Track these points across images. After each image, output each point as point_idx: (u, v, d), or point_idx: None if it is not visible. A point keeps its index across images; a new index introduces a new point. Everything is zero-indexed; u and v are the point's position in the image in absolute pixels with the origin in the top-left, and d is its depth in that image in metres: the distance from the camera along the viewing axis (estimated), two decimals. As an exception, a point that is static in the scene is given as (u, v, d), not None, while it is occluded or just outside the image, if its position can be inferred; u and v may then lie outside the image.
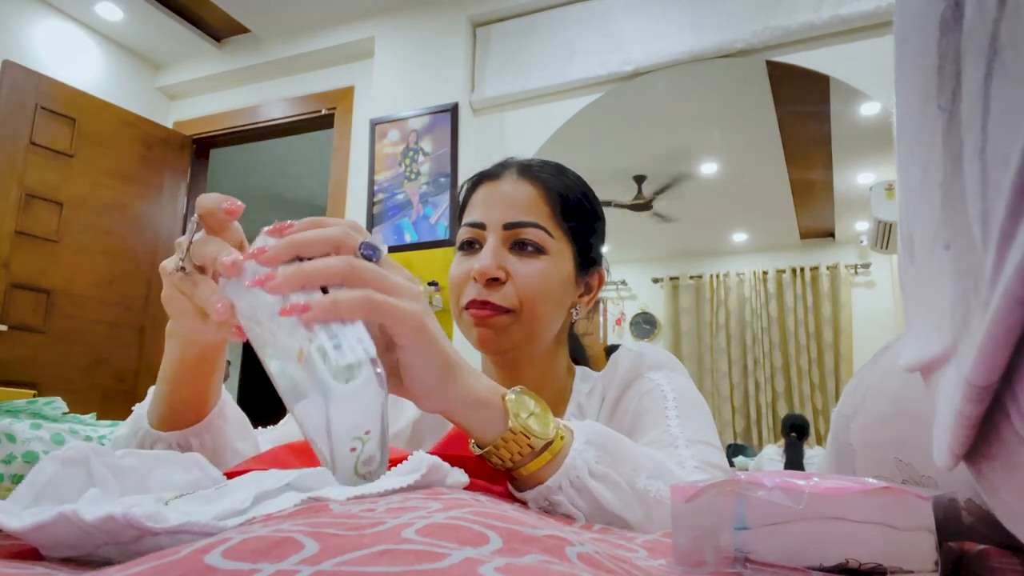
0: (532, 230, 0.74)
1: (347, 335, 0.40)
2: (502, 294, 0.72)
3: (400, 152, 2.88)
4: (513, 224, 0.74)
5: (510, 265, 0.73)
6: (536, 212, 0.75)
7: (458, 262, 0.77)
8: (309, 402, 0.39)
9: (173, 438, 0.56)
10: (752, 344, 3.69)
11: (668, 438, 0.66)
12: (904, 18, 0.24)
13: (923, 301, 0.24)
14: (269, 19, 3.21)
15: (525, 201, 0.75)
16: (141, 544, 0.30)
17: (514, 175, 0.77)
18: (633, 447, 0.53)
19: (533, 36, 2.83)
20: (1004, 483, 0.21)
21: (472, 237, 0.76)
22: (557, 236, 0.75)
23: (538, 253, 0.74)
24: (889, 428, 0.42)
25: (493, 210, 0.75)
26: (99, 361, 3.11)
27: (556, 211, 0.76)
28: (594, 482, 0.48)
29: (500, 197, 0.76)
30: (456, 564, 0.19)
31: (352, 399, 0.38)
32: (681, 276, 3.95)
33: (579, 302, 0.80)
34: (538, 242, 0.74)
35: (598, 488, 0.48)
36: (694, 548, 0.30)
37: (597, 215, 0.81)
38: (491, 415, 0.48)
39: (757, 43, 2.44)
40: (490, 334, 0.72)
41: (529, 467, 0.48)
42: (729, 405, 3.66)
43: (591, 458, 0.49)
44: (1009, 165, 0.16)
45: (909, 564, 0.27)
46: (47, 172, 2.99)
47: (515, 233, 0.74)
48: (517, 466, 0.49)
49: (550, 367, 0.79)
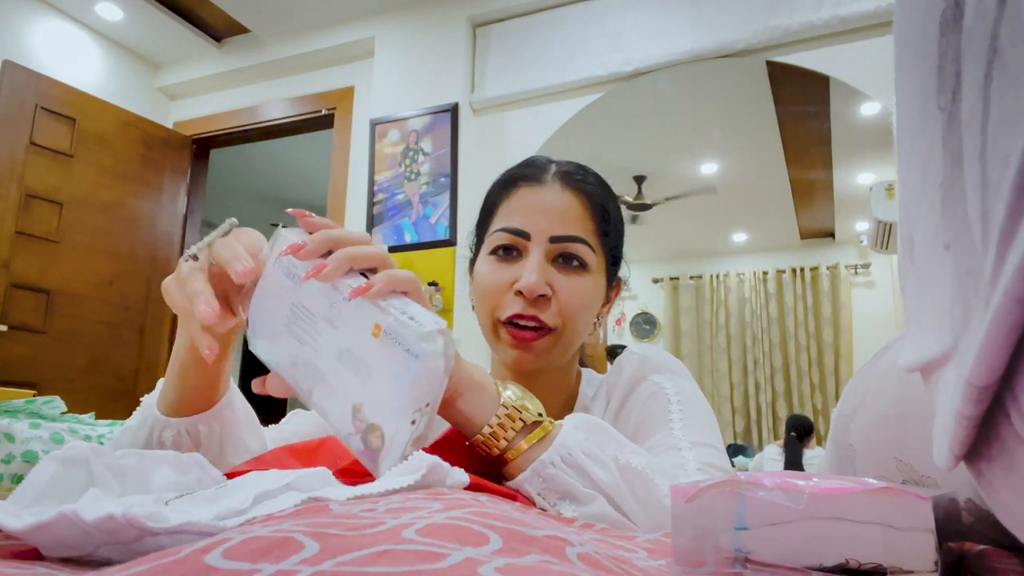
0: (580, 246, 0.72)
1: (414, 308, 0.43)
2: (548, 312, 0.70)
3: (400, 152, 2.88)
4: (560, 238, 0.71)
5: (555, 281, 0.71)
6: (582, 227, 0.73)
7: (494, 268, 0.73)
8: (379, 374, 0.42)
9: (182, 424, 0.57)
10: (752, 344, 3.69)
11: (671, 441, 0.67)
12: (904, 18, 0.24)
13: (923, 301, 0.24)
14: (269, 19, 3.21)
15: (572, 214, 0.72)
16: (141, 544, 0.30)
17: (558, 184, 0.74)
18: (617, 434, 0.54)
19: (533, 36, 2.83)
20: (1004, 483, 0.21)
21: (512, 243, 0.73)
22: (597, 251, 0.74)
23: (582, 269, 0.72)
24: (889, 428, 0.42)
25: (538, 219, 0.72)
26: (99, 361, 3.11)
27: (599, 225, 0.74)
28: (585, 458, 0.50)
29: (546, 206, 0.72)
30: (456, 564, 0.20)
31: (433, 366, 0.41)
32: (681, 276, 3.95)
33: (600, 312, 0.78)
34: (583, 258, 0.72)
35: (589, 464, 0.50)
36: (694, 548, 0.30)
37: (622, 221, 0.80)
38: (486, 397, 0.51)
39: (757, 43, 2.44)
40: (529, 357, 0.71)
41: (521, 446, 0.50)
42: (729, 405, 3.66)
43: (581, 438, 0.51)
44: (1009, 165, 0.16)
45: (909, 564, 0.27)
46: (47, 172, 2.99)
47: (562, 247, 0.71)
48: (511, 446, 0.51)
49: (564, 376, 0.79)
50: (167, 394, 0.58)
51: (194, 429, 0.58)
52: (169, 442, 0.57)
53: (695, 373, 3.74)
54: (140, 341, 3.29)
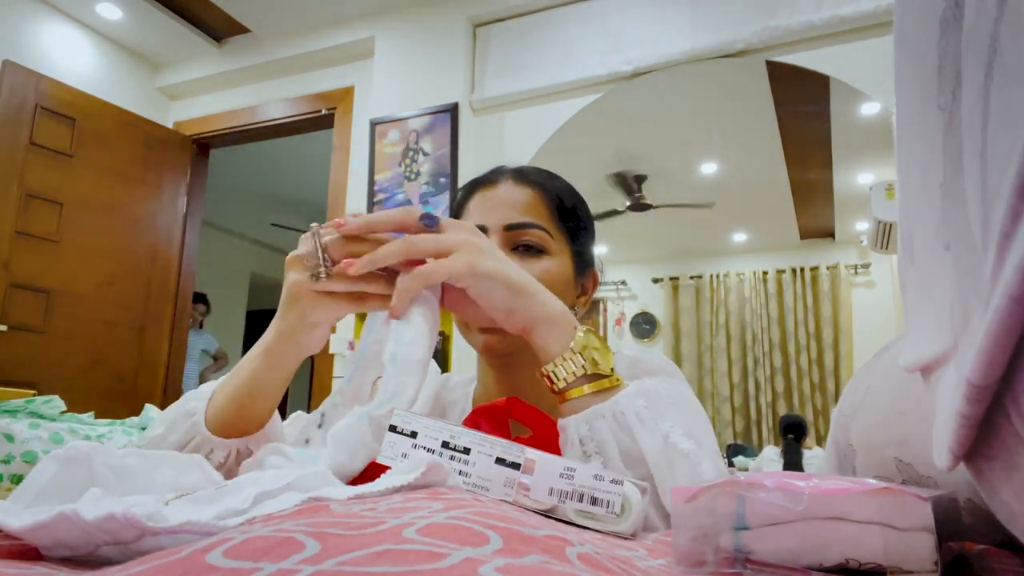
0: (534, 231, 0.74)
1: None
2: None
3: (400, 152, 2.88)
4: (515, 225, 0.74)
5: None
6: (536, 213, 0.75)
7: None
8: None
9: (235, 444, 0.58)
10: (752, 344, 3.69)
11: None
12: (904, 18, 0.24)
13: (923, 301, 0.24)
14: (269, 19, 3.21)
15: (524, 203, 0.75)
16: (142, 544, 0.30)
17: (510, 180, 0.78)
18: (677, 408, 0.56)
19: (533, 36, 2.83)
20: (1004, 483, 0.21)
21: None
22: (557, 237, 0.76)
23: (541, 254, 0.74)
24: (889, 428, 0.42)
25: (493, 213, 0.75)
26: (99, 361, 3.11)
27: (554, 213, 0.76)
28: (637, 424, 0.52)
29: (499, 200, 0.76)
30: (456, 564, 0.20)
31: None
32: (681, 276, 3.95)
33: (577, 303, 0.80)
34: (540, 243, 0.74)
35: (639, 430, 0.52)
36: (694, 548, 0.30)
37: (589, 216, 0.83)
38: (562, 332, 0.55)
39: (757, 43, 2.44)
40: (496, 339, 0.72)
41: (581, 390, 0.54)
42: (729, 405, 3.66)
43: (640, 404, 0.53)
44: (1009, 165, 0.16)
45: (909, 564, 0.27)
46: (47, 172, 2.99)
47: (517, 235, 0.74)
48: (570, 387, 0.54)
49: None
50: (226, 415, 0.57)
51: (246, 449, 0.58)
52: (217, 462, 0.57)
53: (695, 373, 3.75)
54: (140, 341, 3.29)
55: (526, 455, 0.42)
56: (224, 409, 0.57)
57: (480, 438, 0.42)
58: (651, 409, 0.53)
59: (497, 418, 0.55)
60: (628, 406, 0.53)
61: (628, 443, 0.52)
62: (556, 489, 0.41)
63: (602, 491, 0.41)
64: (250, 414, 0.58)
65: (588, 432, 0.53)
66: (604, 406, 0.53)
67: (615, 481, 0.41)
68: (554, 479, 0.41)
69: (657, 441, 0.52)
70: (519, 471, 0.41)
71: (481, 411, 0.55)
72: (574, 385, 0.54)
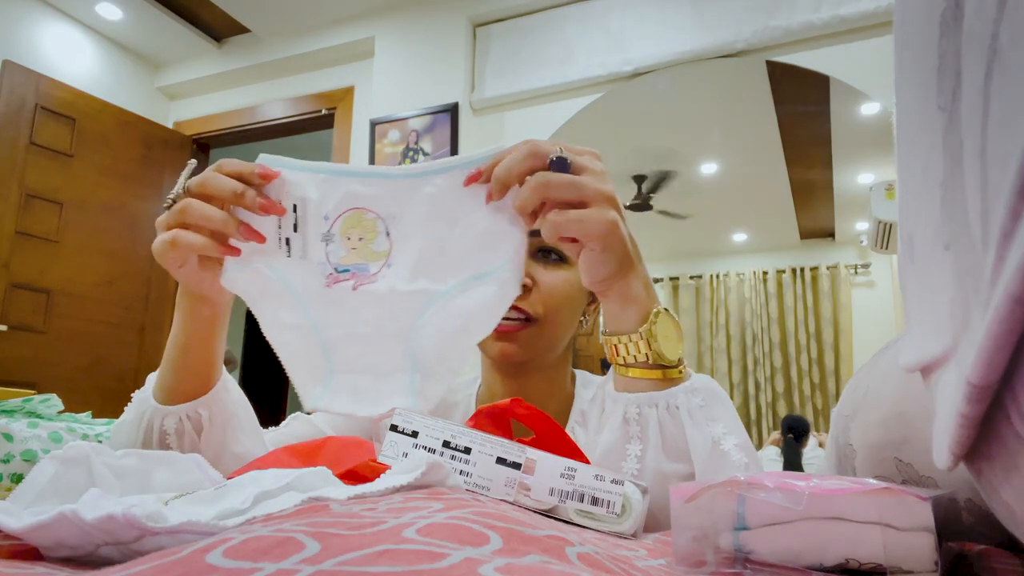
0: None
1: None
2: (529, 301, 0.72)
3: (400, 152, 2.88)
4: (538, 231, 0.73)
5: (536, 273, 0.72)
6: None
7: None
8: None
9: (182, 410, 0.58)
10: (752, 344, 3.69)
11: None
12: (904, 18, 0.24)
13: (923, 301, 0.24)
14: (269, 19, 3.20)
15: None
16: (141, 544, 0.30)
17: None
18: (731, 412, 0.56)
19: (533, 36, 2.83)
20: (1004, 483, 0.21)
21: None
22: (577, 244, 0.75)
23: (561, 262, 0.74)
24: (889, 428, 0.42)
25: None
26: (99, 361, 3.11)
27: None
28: (688, 421, 0.52)
29: None
30: (456, 564, 0.19)
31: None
32: (681, 276, 3.95)
33: (587, 310, 0.80)
34: (562, 252, 0.73)
35: (690, 427, 0.52)
36: (694, 548, 0.30)
37: None
38: (634, 314, 0.54)
39: (757, 43, 2.44)
40: (513, 348, 0.72)
41: (639, 372, 0.54)
42: (729, 405, 3.65)
43: (696, 401, 0.53)
44: (1009, 165, 0.16)
45: (909, 564, 0.27)
46: (47, 172, 2.99)
47: (541, 240, 0.72)
48: (627, 365, 0.54)
49: (557, 377, 0.79)
50: (165, 381, 0.59)
51: (195, 414, 0.59)
52: (171, 430, 0.58)
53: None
54: (140, 341, 3.29)
55: (527, 455, 0.42)
56: (164, 376, 0.59)
57: (481, 438, 0.42)
58: (706, 408, 0.53)
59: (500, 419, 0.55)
60: (684, 401, 0.53)
61: (675, 435, 0.52)
62: (557, 489, 0.41)
63: (603, 491, 0.41)
64: (188, 375, 0.59)
65: (636, 415, 0.53)
66: (659, 395, 0.53)
67: (616, 481, 0.41)
68: (555, 479, 0.41)
69: (706, 442, 0.52)
70: (520, 471, 0.41)
71: (484, 412, 0.55)
72: (634, 366, 0.54)
